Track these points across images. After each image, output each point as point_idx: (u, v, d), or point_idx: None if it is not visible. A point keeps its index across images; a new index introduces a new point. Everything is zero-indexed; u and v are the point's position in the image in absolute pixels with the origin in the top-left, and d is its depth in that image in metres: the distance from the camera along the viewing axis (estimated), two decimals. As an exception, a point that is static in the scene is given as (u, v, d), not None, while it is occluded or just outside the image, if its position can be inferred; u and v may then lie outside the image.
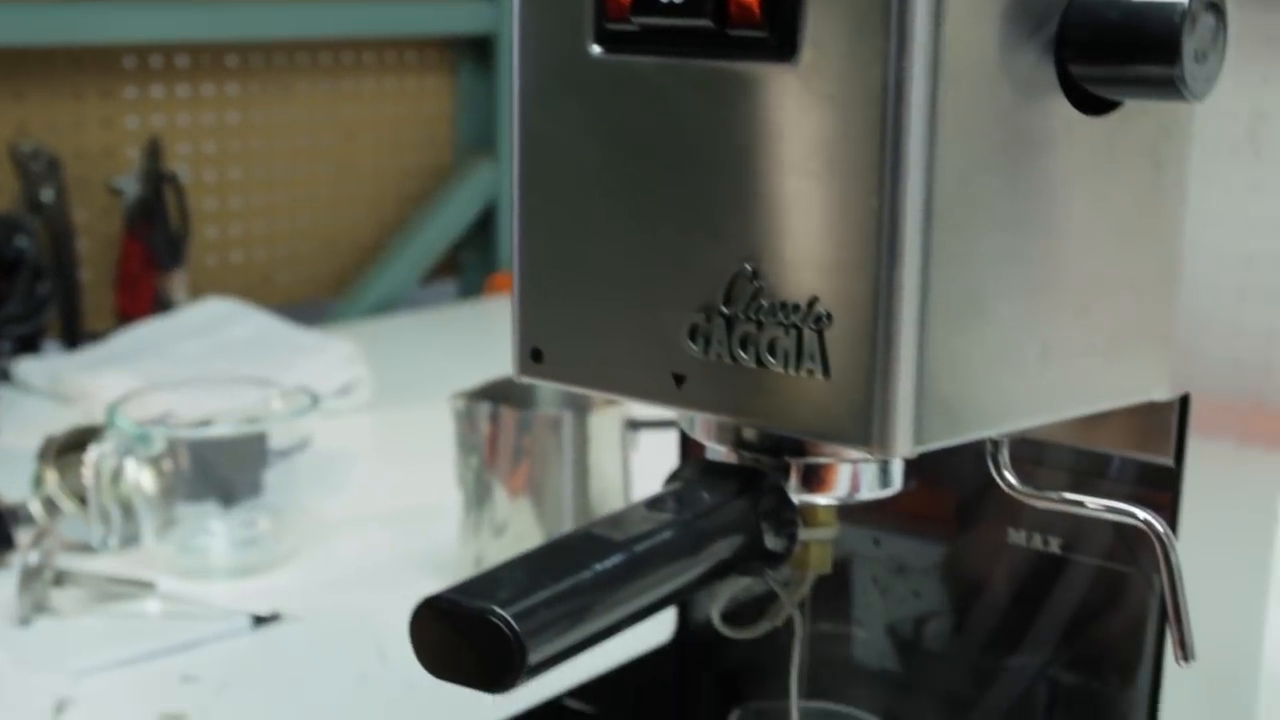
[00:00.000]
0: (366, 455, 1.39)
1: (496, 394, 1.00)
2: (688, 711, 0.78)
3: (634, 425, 1.01)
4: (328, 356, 1.52)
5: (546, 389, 1.03)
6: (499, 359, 0.67)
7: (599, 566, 0.50)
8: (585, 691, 0.78)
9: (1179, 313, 0.59)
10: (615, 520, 0.53)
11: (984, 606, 0.70)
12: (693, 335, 0.54)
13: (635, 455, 1.02)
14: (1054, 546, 0.66)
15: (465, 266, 2.23)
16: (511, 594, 0.47)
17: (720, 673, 0.78)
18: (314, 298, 2.04)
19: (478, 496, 1.00)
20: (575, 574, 0.49)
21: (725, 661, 0.78)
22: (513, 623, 0.45)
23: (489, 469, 0.99)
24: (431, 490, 1.11)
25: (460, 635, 0.46)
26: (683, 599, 0.53)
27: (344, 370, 1.50)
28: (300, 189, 2.04)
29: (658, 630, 0.82)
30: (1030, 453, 0.65)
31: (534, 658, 0.46)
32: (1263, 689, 0.77)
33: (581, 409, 0.98)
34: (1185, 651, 0.52)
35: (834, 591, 0.74)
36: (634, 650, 0.81)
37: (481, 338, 1.77)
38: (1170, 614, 0.52)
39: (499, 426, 0.98)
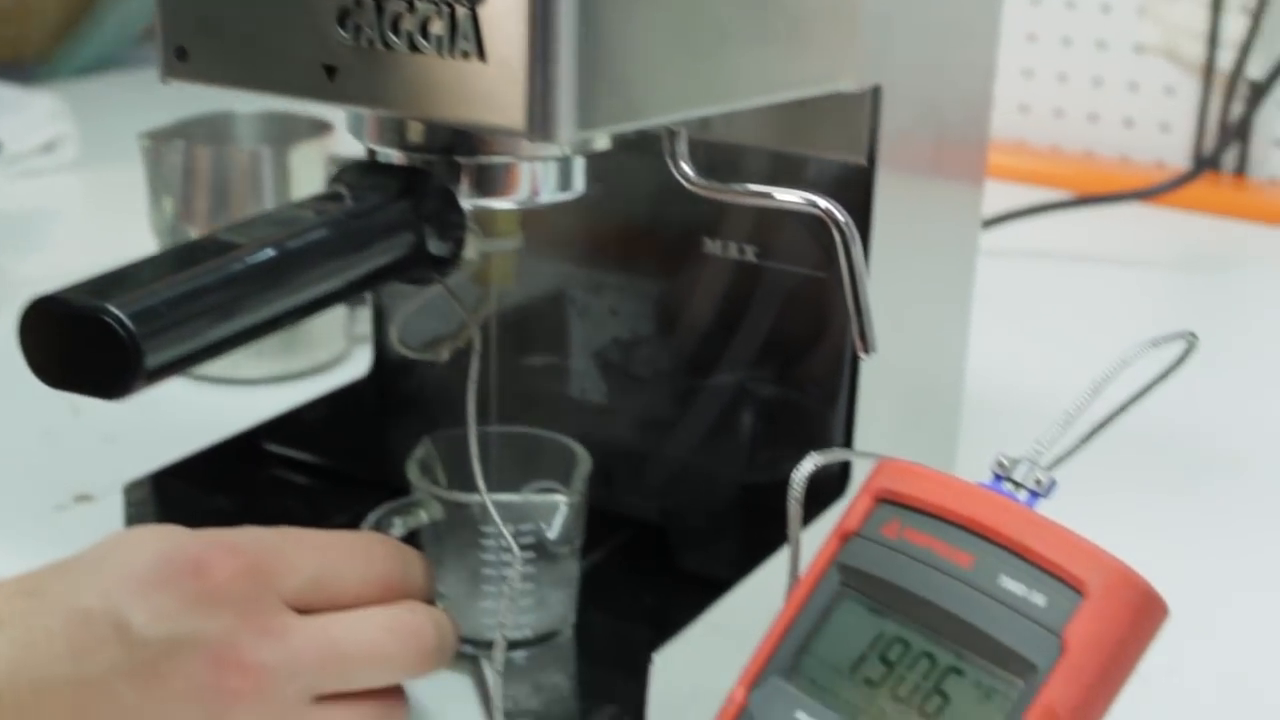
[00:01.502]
0: (70, 214, 1.31)
1: (190, 132, 0.94)
2: (389, 445, 0.75)
3: (338, 161, 0.96)
4: (29, 112, 1.42)
5: (244, 125, 0.97)
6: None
7: (235, 266, 0.46)
8: (278, 429, 0.74)
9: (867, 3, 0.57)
10: (259, 220, 0.49)
11: (684, 322, 0.68)
12: (342, 21, 0.49)
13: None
14: (750, 255, 0.64)
15: (189, 25, 2.11)
16: (129, 292, 0.42)
17: (421, 405, 0.75)
18: (19, 58, 1.91)
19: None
20: (207, 273, 0.45)
21: (425, 393, 0.75)
22: (128, 322, 0.41)
23: (184, 216, 0.93)
24: (135, 247, 1.05)
25: (73, 338, 0.42)
26: (339, 303, 0.49)
27: (47, 127, 1.41)
28: (0, -61, 1.89)
29: (356, 367, 0.79)
30: (725, 157, 0.62)
31: (153, 361, 0.42)
32: (965, 406, 0.77)
33: (281, 144, 0.92)
34: (866, 344, 0.51)
35: (530, 316, 0.72)
36: (330, 386, 0.77)
37: (203, 97, 1.68)
38: (851, 306, 0.50)
39: (193, 167, 0.92)
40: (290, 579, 0.52)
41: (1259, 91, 1.33)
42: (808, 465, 0.48)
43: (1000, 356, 0.93)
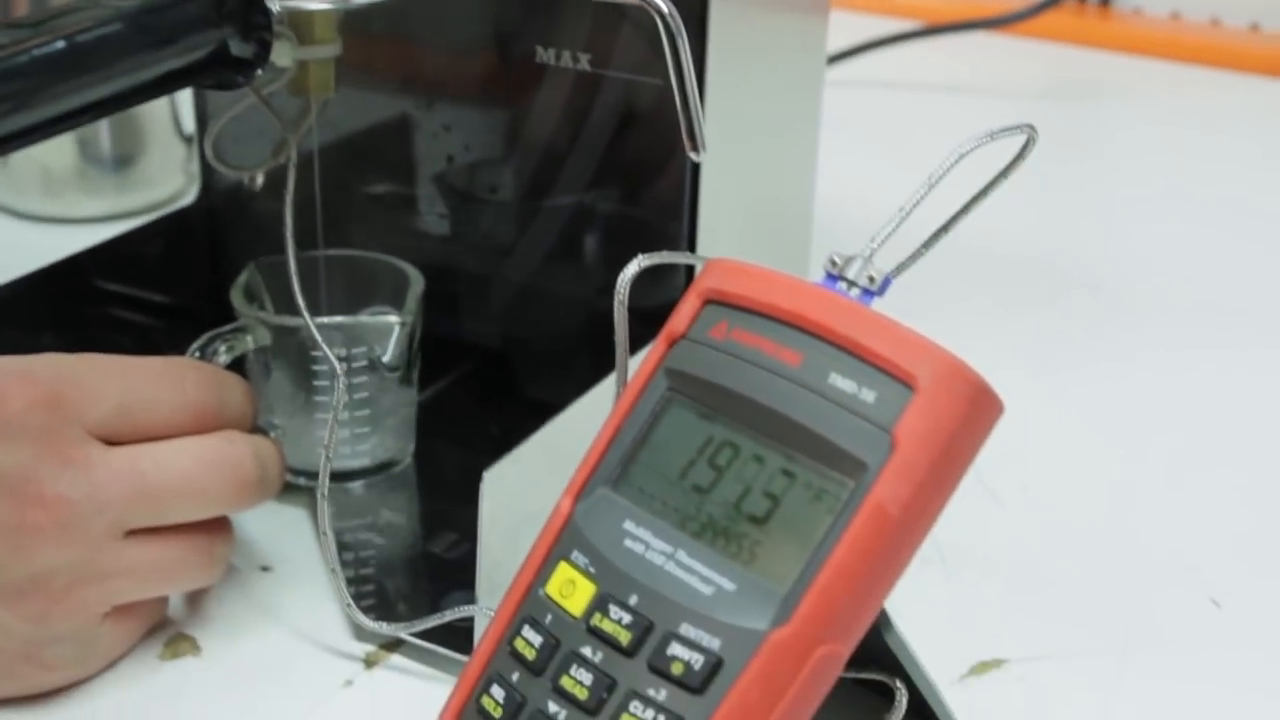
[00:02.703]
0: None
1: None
2: (222, 276, 0.72)
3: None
4: None
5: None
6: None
7: (18, 58, 0.42)
8: (105, 262, 0.71)
9: None
10: (47, 14, 0.45)
11: (521, 139, 0.65)
12: None
13: None
14: (584, 64, 0.61)
15: None
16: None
17: (251, 232, 0.72)
18: None
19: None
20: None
21: (255, 220, 0.72)
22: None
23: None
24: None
25: None
26: (137, 103, 0.46)
27: None
28: None
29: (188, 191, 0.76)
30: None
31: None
32: (817, 234, 0.76)
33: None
34: (695, 143, 0.48)
35: (358, 135, 0.68)
36: (156, 214, 0.74)
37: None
38: (678, 102, 0.48)
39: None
40: (93, 408, 0.49)
41: (1123, -83, 1.32)
42: (632, 268, 0.46)
43: (855, 186, 0.92)
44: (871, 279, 0.44)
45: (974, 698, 0.53)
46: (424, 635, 0.53)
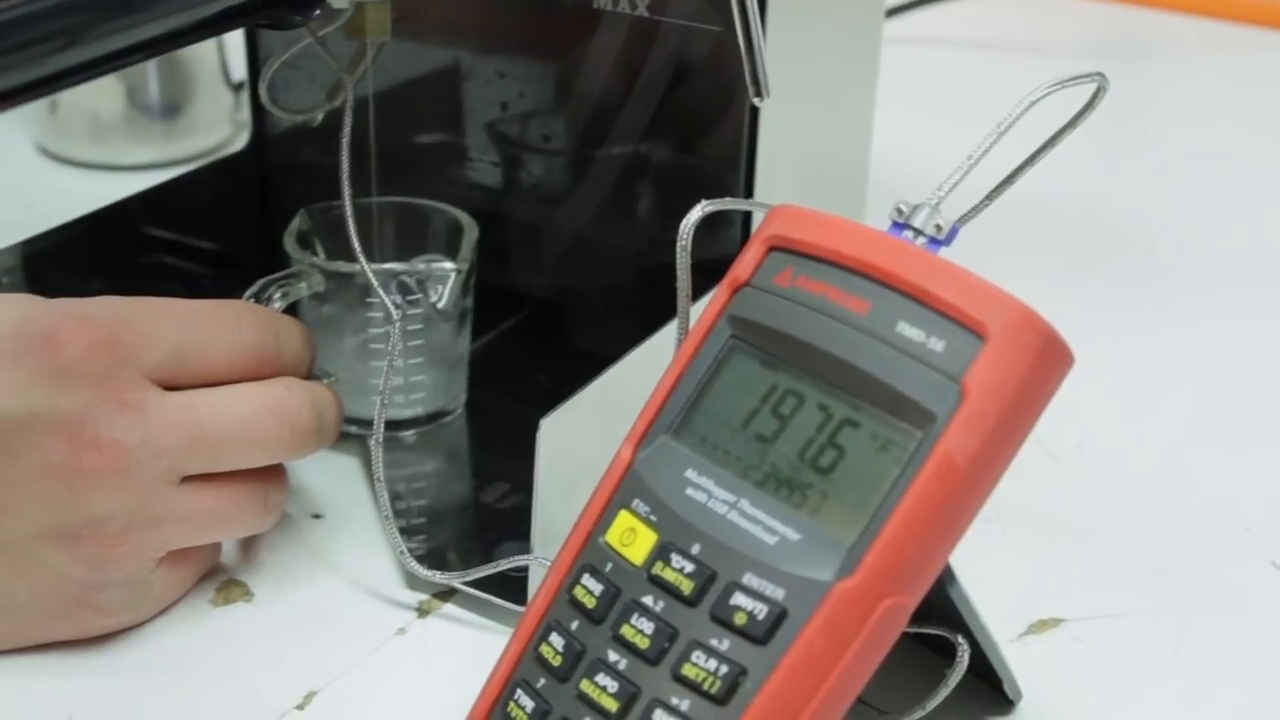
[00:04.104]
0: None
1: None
2: (274, 225, 0.72)
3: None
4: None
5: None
6: None
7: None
8: (154, 208, 0.70)
9: None
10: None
11: (577, 87, 0.64)
12: None
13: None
14: (641, 9, 0.60)
15: None
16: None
17: (303, 178, 0.72)
18: None
19: None
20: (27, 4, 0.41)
21: (306, 167, 0.71)
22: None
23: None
24: None
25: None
26: (192, 41, 0.46)
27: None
28: None
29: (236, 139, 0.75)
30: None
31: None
32: (873, 190, 0.75)
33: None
34: (759, 88, 0.48)
35: (413, 82, 0.68)
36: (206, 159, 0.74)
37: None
38: (742, 44, 0.47)
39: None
40: (150, 351, 0.49)
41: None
42: (696, 213, 0.45)
43: (903, 141, 0.91)
44: (939, 227, 0.43)
45: (1032, 656, 0.53)
46: (477, 584, 0.53)
